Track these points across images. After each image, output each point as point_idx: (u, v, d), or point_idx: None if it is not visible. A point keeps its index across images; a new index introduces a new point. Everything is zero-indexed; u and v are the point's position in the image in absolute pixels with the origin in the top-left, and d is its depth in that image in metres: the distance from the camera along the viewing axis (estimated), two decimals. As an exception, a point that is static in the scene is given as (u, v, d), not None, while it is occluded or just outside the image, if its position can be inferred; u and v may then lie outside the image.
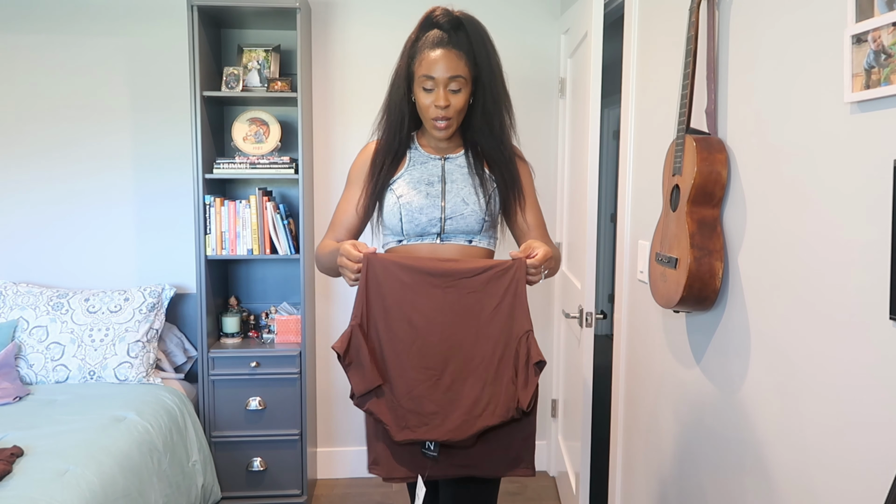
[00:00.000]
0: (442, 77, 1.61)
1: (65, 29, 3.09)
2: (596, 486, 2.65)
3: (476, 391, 1.51)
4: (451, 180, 1.71)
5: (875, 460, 1.10)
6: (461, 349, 1.52)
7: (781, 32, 1.37)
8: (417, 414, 1.51)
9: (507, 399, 1.49)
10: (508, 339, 1.52)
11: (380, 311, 1.53)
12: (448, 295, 1.52)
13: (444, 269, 1.52)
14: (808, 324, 1.29)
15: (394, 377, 1.52)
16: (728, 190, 1.58)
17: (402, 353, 1.52)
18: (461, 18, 1.65)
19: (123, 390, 2.73)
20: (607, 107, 5.51)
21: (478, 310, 1.52)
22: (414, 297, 1.52)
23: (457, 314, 1.52)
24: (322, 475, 3.36)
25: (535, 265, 1.52)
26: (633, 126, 2.23)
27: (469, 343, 1.52)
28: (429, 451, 1.53)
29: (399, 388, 1.52)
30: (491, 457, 1.56)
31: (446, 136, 1.68)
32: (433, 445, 1.52)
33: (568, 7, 3.04)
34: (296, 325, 3.05)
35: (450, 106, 1.63)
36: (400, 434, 1.51)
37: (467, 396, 1.51)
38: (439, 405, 1.51)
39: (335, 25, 3.20)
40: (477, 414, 1.50)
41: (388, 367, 1.53)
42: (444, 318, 1.52)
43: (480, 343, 1.52)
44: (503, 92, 1.70)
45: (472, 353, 1.52)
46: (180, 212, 3.18)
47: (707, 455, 1.72)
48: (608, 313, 5.07)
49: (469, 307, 1.52)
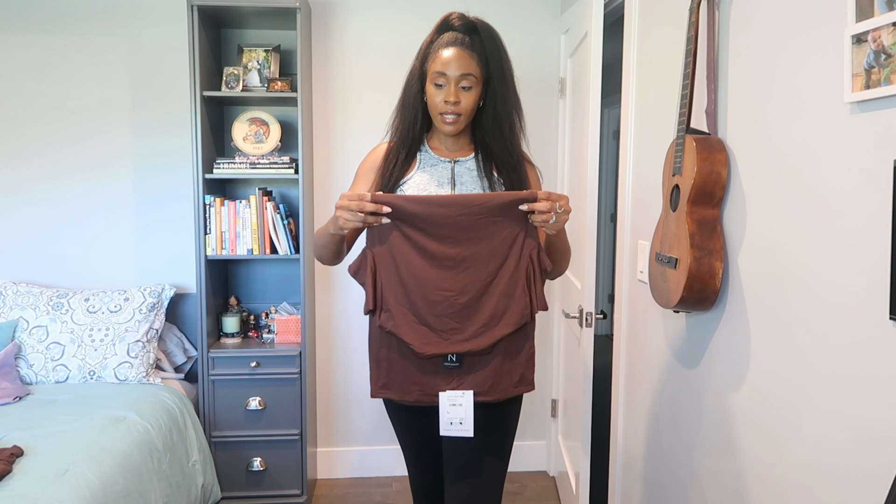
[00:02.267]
0: (454, 74, 1.64)
1: (65, 28, 3.09)
2: (596, 486, 2.65)
3: (492, 305, 1.61)
4: (461, 183, 1.73)
5: (875, 460, 1.10)
6: (475, 269, 1.61)
7: (781, 32, 1.37)
8: (439, 331, 1.61)
9: (521, 308, 1.62)
10: (520, 255, 1.62)
11: (396, 239, 1.60)
12: (459, 222, 1.59)
13: (455, 199, 1.60)
14: (808, 323, 1.29)
15: (415, 299, 1.61)
16: (728, 190, 1.58)
17: (422, 278, 1.60)
18: (476, 23, 1.69)
19: (123, 390, 2.72)
20: (607, 107, 5.51)
21: (489, 233, 1.60)
22: (427, 227, 1.59)
23: (469, 238, 1.60)
24: (322, 475, 3.36)
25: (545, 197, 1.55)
26: (633, 126, 2.23)
27: (482, 263, 1.61)
28: (451, 363, 1.63)
29: (421, 309, 1.61)
30: (499, 382, 1.65)
31: (454, 131, 1.69)
32: (455, 357, 1.63)
33: (568, 7, 3.04)
34: (296, 325, 3.05)
35: (459, 103, 1.65)
36: (425, 349, 1.60)
37: (484, 310, 1.61)
38: (458, 321, 1.61)
39: (335, 25, 3.20)
40: (494, 325, 1.61)
41: (408, 290, 1.61)
42: (457, 243, 1.60)
43: (493, 261, 1.61)
44: (514, 96, 1.72)
45: (486, 271, 1.61)
46: (180, 212, 3.18)
47: (707, 455, 1.72)
48: (608, 313, 5.07)
49: (480, 230, 1.60)
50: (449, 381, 1.63)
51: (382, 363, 1.68)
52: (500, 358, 1.64)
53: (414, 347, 1.61)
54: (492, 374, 1.63)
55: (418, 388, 1.65)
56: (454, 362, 1.63)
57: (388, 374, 1.68)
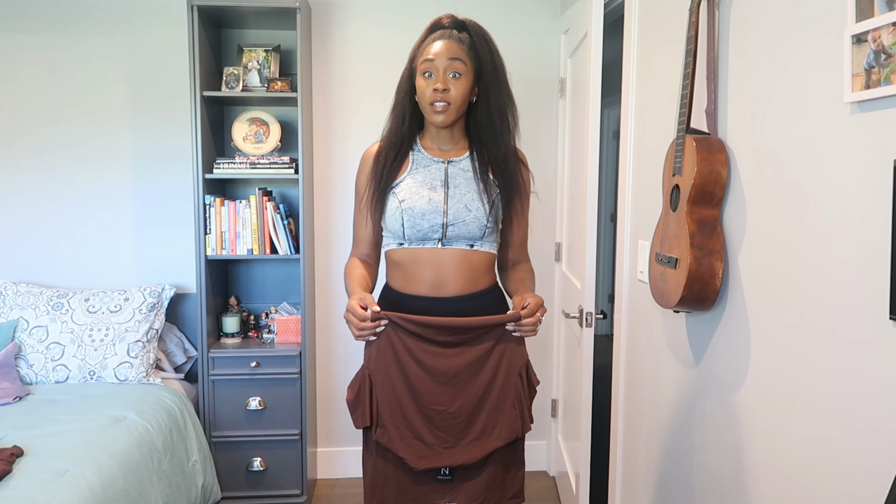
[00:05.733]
0: (442, 62, 1.64)
1: (65, 29, 3.08)
2: (596, 486, 2.65)
3: (483, 418, 1.65)
4: (455, 185, 1.71)
5: (875, 460, 1.10)
6: (467, 385, 1.64)
7: (781, 32, 1.37)
8: (432, 444, 1.64)
9: (510, 422, 1.65)
10: (508, 370, 1.66)
11: (391, 356, 1.64)
12: (452, 340, 1.63)
13: (449, 323, 1.62)
14: (808, 323, 1.29)
15: (410, 413, 1.64)
16: (728, 190, 1.58)
17: (419, 393, 1.64)
18: (466, 21, 1.71)
19: (123, 390, 2.72)
20: (607, 107, 5.51)
21: (479, 351, 1.65)
22: (422, 344, 1.63)
23: (461, 356, 1.64)
24: (322, 475, 3.36)
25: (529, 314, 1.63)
26: (633, 126, 2.23)
27: (472, 378, 1.64)
28: (444, 476, 1.66)
29: (415, 423, 1.64)
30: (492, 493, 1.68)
31: (444, 121, 1.67)
32: (447, 470, 1.66)
33: (568, 7, 3.04)
34: (296, 325, 3.05)
35: (449, 90, 1.64)
36: (419, 463, 1.63)
37: (476, 424, 1.65)
38: (451, 434, 1.64)
39: (335, 25, 3.20)
40: (485, 437, 1.65)
41: (403, 404, 1.64)
42: (449, 361, 1.63)
43: (483, 376, 1.65)
44: (507, 91, 1.73)
45: (477, 387, 1.65)
46: (180, 212, 3.18)
47: (707, 455, 1.72)
48: (608, 313, 5.07)
49: (472, 350, 1.64)
50: (442, 494, 1.67)
51: (378, 479, 1.69)
52: (492, 469, 1.67)
53: (408, 462, 1.63)
54: (485, 485, 1.66)
55: (413, 502, 1.68)
56: (447, 475, 1.66)
57: (382, 490, 1.69)
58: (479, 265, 1.73)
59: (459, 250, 1.70)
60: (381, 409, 1.65)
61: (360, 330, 1.61)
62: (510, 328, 1.65)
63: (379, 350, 1.65)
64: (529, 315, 1.62)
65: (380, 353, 1.65)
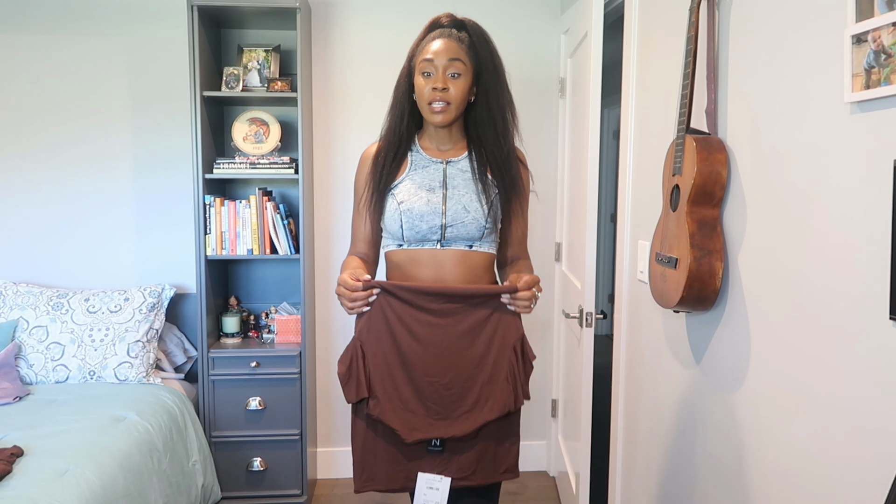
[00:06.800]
0: (441, 61, 1.63)
1: (65, 29, 3.08)
2: (596, 486, 2.64)
3: (475, 391, 1.63)
4: (453, 186, 1.71)
5: (875, 461, 1.10)
6: (460, 357, 1.63)
7: (781, 32, 1.37)
8: (424, 416, 1.62)
9: (503, 396, 1.63)
10: (503, 343, 1.64)
11: (384, 326, 1.62)
12: (445, 309, 1.62)
13: (442, 290, 1.62)
14: (808, 323, 1.29)
15: (402, 384, 1.62)
16: (728, 190, 1.58)
17: (410, 363, 1.62)
18: (465, 21, 1.70)
19: (123, 390, 2.72)
20: (607, 107, 5.51)
21: (473, 322, 1.63)
22: (415, 313, 1.61)
23: (454, 327, 1.62)
24: (322, 475, 3.36)
25: (525, 287, 1.60)
26: (633, 126, 2.23)
27: (466, 351, 1.63)
28: (435, 447, 1.64)
29: (407, 394, 1.62)
30: (483, 466, 1.66)
31: (443, 121, 1.66)
32: (438, 442, 1.64)
33: (568, 7, 3.04)
34: (296, 325, 3.05)
35: (448, 90, 1.63)
36: (411, 435, 1.61)
37: (468, 396, 1.63)
38: (443, 406, 1.63)
39: (335, 25, 3.20)
40: (478, 410, 1.63)
41: (395, 375, 1.63)
42: (443, 331, 1.62)
43: (476, 349, 1.63)
44: (506, 91, 1.72)
45: (470, 359, 1.63)
46: (180, 212, 3.18)
47: (707, 455, 1.72)
48: (608, 313, 5.06)
49: (465, 320, 1.62)
50: (433, 466, 1.64)
51: (367, 455, 1.67)
52: (484, 443, 1.65)
53: (400, 433, 1.61)
54: (476, 458, 1.64)
55: (404, 475, 1.66)
56: (437, 447, 1.64)
57: (372, 465, 1.67)
58: (478, 265, 1.73)
59: (458, 251, 1.70)
60: (374, 381, 1.63)
61: (353, 301, 1.59)
62: (505, 300, 1.62)
63: (371, 321, 1.62)
64: (526, 288, 1.59)
65: (371, 323, 1.62)
